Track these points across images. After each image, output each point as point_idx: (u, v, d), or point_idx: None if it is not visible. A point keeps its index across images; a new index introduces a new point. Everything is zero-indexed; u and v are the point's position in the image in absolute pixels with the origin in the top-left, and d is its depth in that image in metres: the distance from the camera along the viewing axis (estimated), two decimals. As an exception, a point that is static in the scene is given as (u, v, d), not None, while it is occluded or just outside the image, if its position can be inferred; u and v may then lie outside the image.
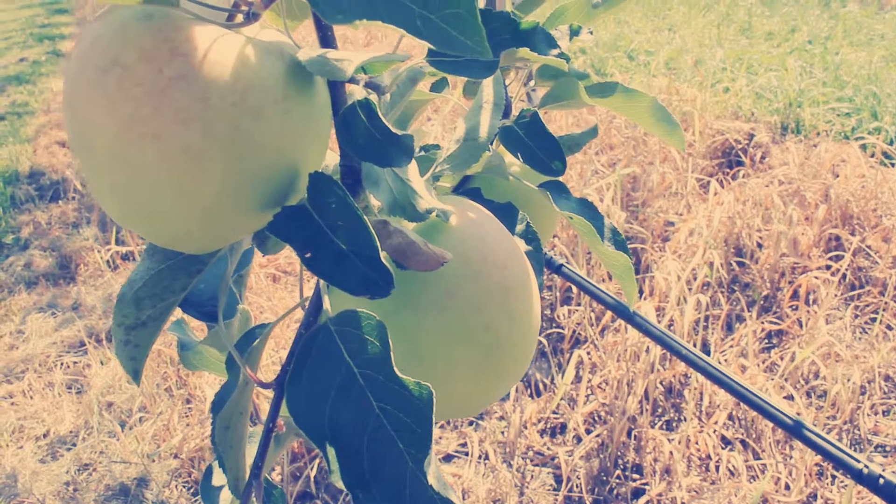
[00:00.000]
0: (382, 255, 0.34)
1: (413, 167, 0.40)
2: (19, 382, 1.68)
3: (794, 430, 0.68)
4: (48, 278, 2.14)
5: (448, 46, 0.26)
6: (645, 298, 1.81)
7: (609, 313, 1.77)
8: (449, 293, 0.39)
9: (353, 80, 0.36)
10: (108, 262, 2.17)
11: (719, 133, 2.59)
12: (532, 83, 0.66)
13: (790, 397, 1.60)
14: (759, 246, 2.03)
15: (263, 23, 0.37)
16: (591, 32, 0.63)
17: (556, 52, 0.37)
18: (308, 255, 0.34)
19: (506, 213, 0.55)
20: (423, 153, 0.47)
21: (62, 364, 1.73)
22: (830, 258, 1.98)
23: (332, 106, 0.37)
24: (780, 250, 1.92)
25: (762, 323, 1.78)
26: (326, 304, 0.37)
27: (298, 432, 0.48)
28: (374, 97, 0.39)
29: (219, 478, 0.49)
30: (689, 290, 1.79)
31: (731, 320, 1.84)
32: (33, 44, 6.42)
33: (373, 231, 0.34)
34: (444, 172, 0.45)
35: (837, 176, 2.33)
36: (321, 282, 0.38)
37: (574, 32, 0.62)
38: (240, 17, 0.36)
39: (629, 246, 1.96)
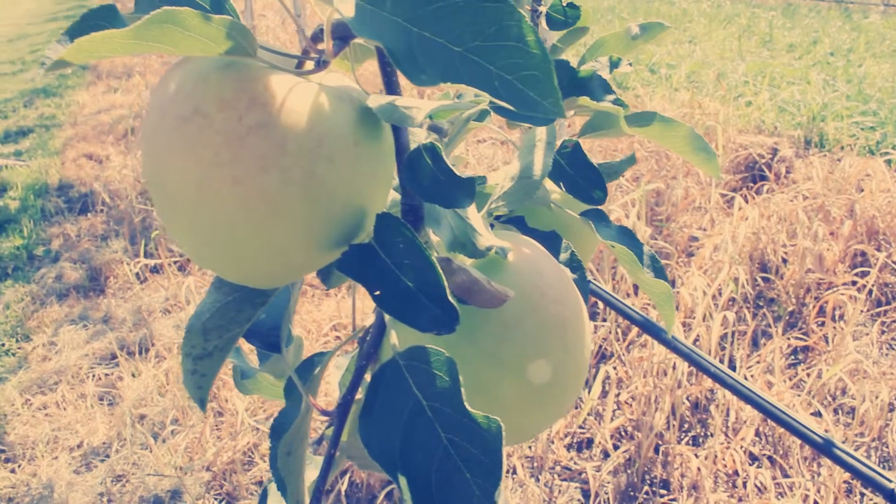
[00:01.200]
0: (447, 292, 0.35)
1: (472, 205, 0.41)
2: (53, 394, 1.71)
3: (824, 448, 0.69)
4: (79, 290, 2.18)
5: (524, 107, 0.27)
6: (670, 314, 1.81)
7: (635, 328, 1.78)
8: (508, 326, 0.40)
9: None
10: (136, 274, 2.20)
11: (742, 147, 2.59)
12: (571, 112, 0.67)
13: (818, 413, 1.60)
14: (784, 261, 2.03)
15: (329, 67, 0.39)
16: (631, 64, 0.64)
17: (611, 97, 0.38)
18: (378, 294, 0.36)
19: (550, 242, 0.56)
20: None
21: (94, 376, 1.75)
22: (856, 274, 1.98)
23: (395, 148, 0.39)
24: (806, 266, 1.92)
25: (788, 339, 1.78)
26: (394, 338, 0.39)
27: (352, 456, 0.50)
28: (434, 137, 0.41)
29: (275, 499, 0.50)
30: (715, 305, 1.79)
31: (757, 336, 1.83)
32: (59, 56, 6.52)
33: (440, 270, 0.35)
34: (499, 209, 0.46)
35: (862, 191, 2.32)
36: (386, 316, 0.40)
37: (614, 64, 0.63)
38: (310, 65, 0.38)
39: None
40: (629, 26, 0.67)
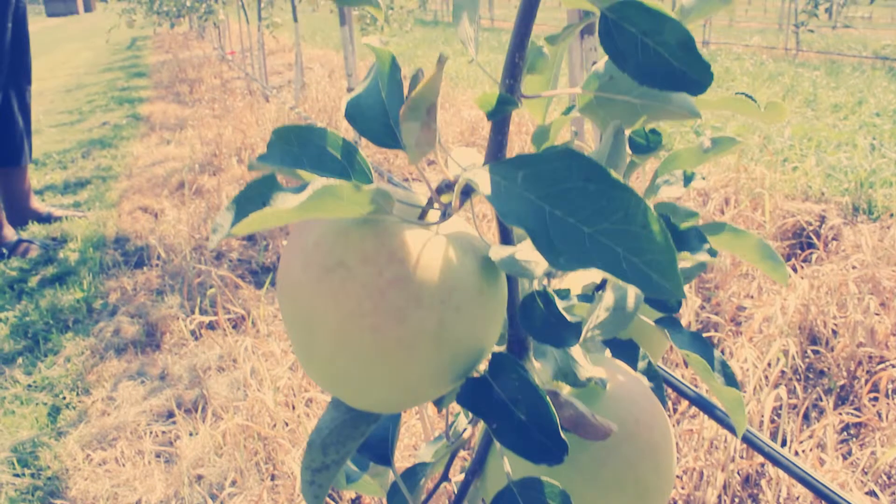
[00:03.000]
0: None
1: (575, 341, 0.45)
2: (112, 449, 1.76)
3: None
4: (136, 345, 2.24)
5: (648, 289, 0.31)
6: (720, 386, 1.81)
7: (685, 401, 1.78)
8: (606, 451, 0.44)
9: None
10: (192, 331, 2.26)
11: (790, 214, 2.60)
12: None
13: (872, 493, 1.58)
14: (835, 333, 2.02)
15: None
16: (704, 178, 0.68)
17: (707, 246, 0.42)
18: (495, 426, 0.39)
19: (628, 351, 0.59)
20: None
21: (152, 433, 1.80)
22: (909, 348, 1.96)
23: (509, 290, 0.43)
24: (857, 339, 1.91)
25: (840, 414, 1.77)
26: (507, 466, 0.42)
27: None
28: (545, 280, 0.44)
29: None
30: (765, 378, 1.79)
31: (809, 410, 1.82)
32: (114, 107, 6.75)
33: (551, 405, 0.39)
34: (594, 338, 0.50)
35: (913, 261, 2.31)
36: (497, 443, 0.43)
37: (688, 179, 0.67)
38: (435, 215, 0.42)
39: (704, 335, 1.97)
40: (702, 140, 0.71)
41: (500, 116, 0.39)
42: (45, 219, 3.31)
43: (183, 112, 5.86)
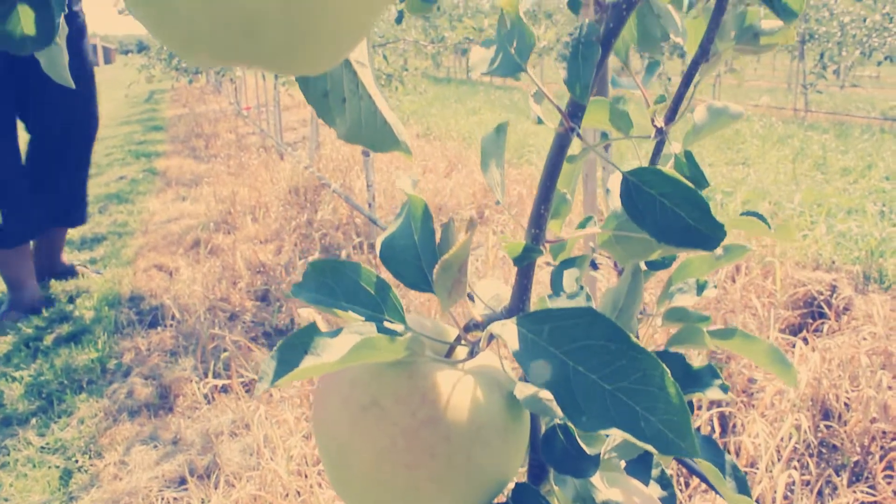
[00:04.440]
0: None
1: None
2: (123, 517, 1.76)
3: None
4: (149, 408, 2.26)
5: (663, 448, 0.33)
6: (733, 461, 1.81)
7: (696, 478, 1.78)
8: None
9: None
10: (205, 395, 2.27)
11: (801, 284, 2.61)
12: (659, 321, 0.73)
13: (887, 575, 1.57)
14: (847, 407, 2.02)
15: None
16: (716, 286, 0.70)
17: (719, 382, 0.44)
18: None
19: (641, 463, 0.61)
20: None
21: (164, 499, 1.81)
22: (923, 424, 1.95)
23: (531, 422, 0.45)
24: (870, 415, 1.91)
25: (854, 492, 1.76)
26: None
27: None
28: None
29: None
30: (777, 453, 1.79)
31: (822, 487, 1.81)
32: (131, 161, 6.87)
33: (572, 539, 0.41)
34: (611, 460, 0.52)
35: (925, 333, 2.31)
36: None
37: (701, 287, 0.70)
38: (462, 351, 0.44)
39: (717, 410, 1.98)
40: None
41: (525, 263, 0.41)
42: (70, 271, 3.36)
43: (198, 167, 5.96)
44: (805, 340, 2.39)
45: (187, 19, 0.27)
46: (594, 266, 0.65)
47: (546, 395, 0.42)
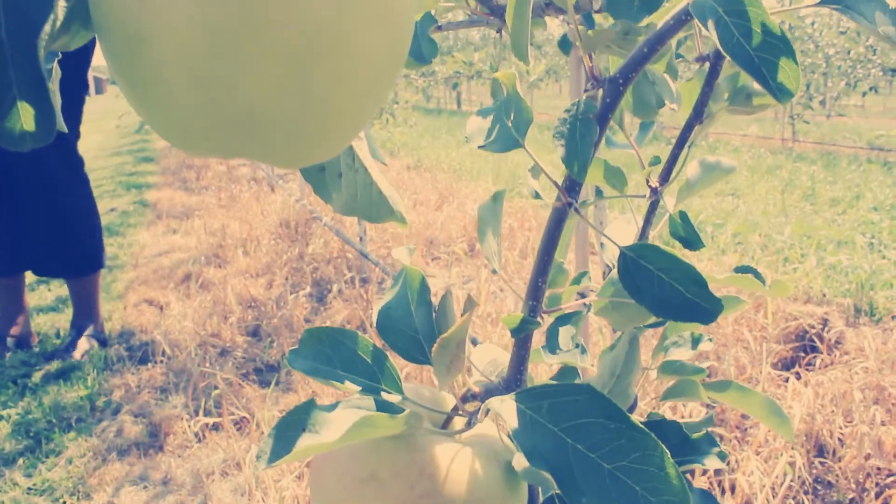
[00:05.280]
0: None
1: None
2: (112, 561, 1.73)
3: None
4: (139, 446, 2.23)
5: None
6: (727, 501, 1.80)
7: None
8: None
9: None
10: (196, 433, 2.25)
11: (792, 317, 2.62)
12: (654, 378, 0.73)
13: None
14: (841, 443, 2.01)
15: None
16: (711, 339, 0.70)
17: (717, 450, 0.44)
18: None
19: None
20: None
21: (152, 543, 1.78)
22: (917, 460, 1.95)
23: (529, 491, 0.45)
24: (864, 451, 1.91)
25: (850, 530, 1.75)
26: None
27: None
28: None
29: None
30: (772, 491, 1.78)
31: (817, 524, 1.81)
32: (122, 192, 6.85)
33: None
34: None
35: (917, 367, 2.32)
36: None
37: (696, 341, 0.70)
38: (460, 422, 0.44)
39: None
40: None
41: (523, 335, 0.41)
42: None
43: (189, 199, 5.96)
44: (798, 375, 2.39)
45: (187, 115, 0.26)
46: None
47: (544, 467, 0.42)
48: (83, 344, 2.92)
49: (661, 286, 0.39)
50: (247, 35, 0.25)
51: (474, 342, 2.49)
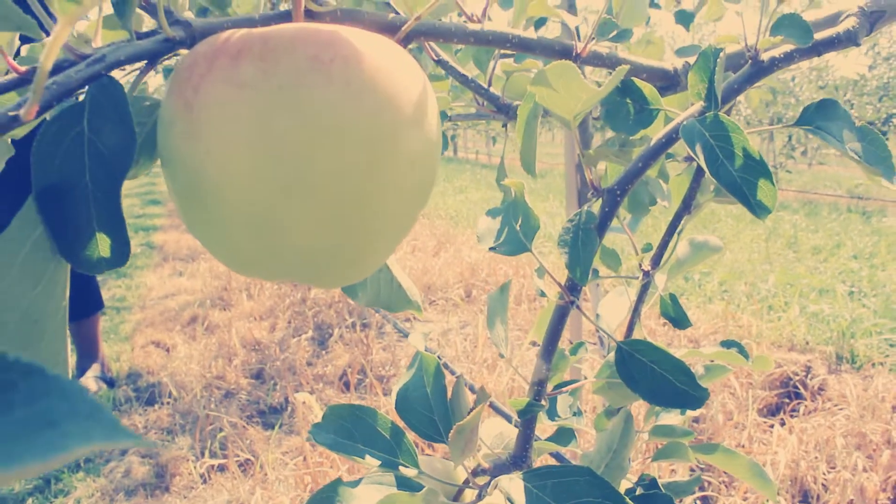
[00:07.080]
0: None
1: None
2: None
3: None
4: (146, 487, 2.30)
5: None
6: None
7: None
8: None
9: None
10: (201, 475, 2.33)
11: (777, 365, 2.73)
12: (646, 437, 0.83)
13: None
14: (825, 488, 2.11)
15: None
16: (697, 419, 0.81)
17: None
18: None
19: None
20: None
21: (165, 581, 1.85)
22: (897, 505, 2.05)
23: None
24: (847, 497, 2.00)
25: (832, 571, 1.84)
26: None
27: None
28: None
29: None
30: (759, 533, 1.87)
31: (801, 565, 1.90)
32: (130, 234, 6.85)
33: None
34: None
35: (896, 414, 2.42)
36: None
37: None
38: (471, 495, 0.54)
39: (700, 494, 2.06)
40: (695, 369, 0.84)
41: (529, 416, 0.51)
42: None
43: (195, 242, 6.05)
44: (782, 422, 2.49)
45: (241, 247, 0.32)
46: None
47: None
48: (91, 385, 2.99)
49: (654, 377, 0.48)
50: (298, 188, 0.29)
51: (471, 388, 2.58)
